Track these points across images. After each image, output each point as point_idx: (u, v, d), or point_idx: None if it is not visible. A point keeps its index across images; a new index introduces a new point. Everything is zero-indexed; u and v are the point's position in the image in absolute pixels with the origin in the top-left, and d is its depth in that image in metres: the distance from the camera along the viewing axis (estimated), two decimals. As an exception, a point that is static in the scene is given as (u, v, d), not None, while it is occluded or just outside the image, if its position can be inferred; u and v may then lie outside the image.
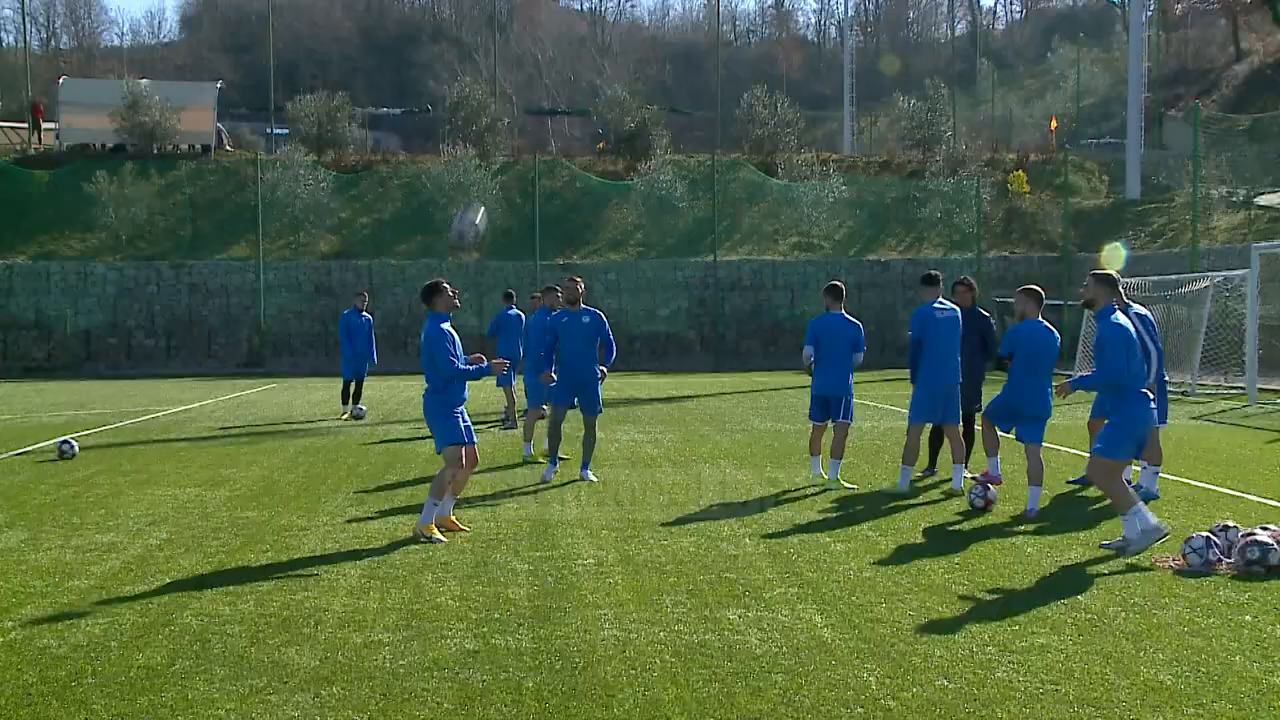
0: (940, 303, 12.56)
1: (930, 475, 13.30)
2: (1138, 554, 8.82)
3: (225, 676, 6.26)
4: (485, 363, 10.11)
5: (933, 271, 13.05)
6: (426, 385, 10.05)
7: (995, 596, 7.78)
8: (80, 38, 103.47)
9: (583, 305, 13.34)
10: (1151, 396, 9.35)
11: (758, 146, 49.31)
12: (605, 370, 13.34)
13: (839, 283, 13.13)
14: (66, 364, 38.41)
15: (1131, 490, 9.20)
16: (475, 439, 10.23)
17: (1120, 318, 9.18)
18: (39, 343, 38.99)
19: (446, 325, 9.97)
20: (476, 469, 10.86)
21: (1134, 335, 9.24)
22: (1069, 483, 12.63)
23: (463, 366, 9.87)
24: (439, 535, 9.75)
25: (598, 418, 13.44)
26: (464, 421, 10.04)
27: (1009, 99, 79.73)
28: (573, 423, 13.95)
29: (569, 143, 70.88)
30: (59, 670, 6.40)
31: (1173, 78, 68.30)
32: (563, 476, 13.53)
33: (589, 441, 13.41)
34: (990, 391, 12.40)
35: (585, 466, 13.39)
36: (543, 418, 15.15)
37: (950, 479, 12.49)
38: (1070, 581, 8.18)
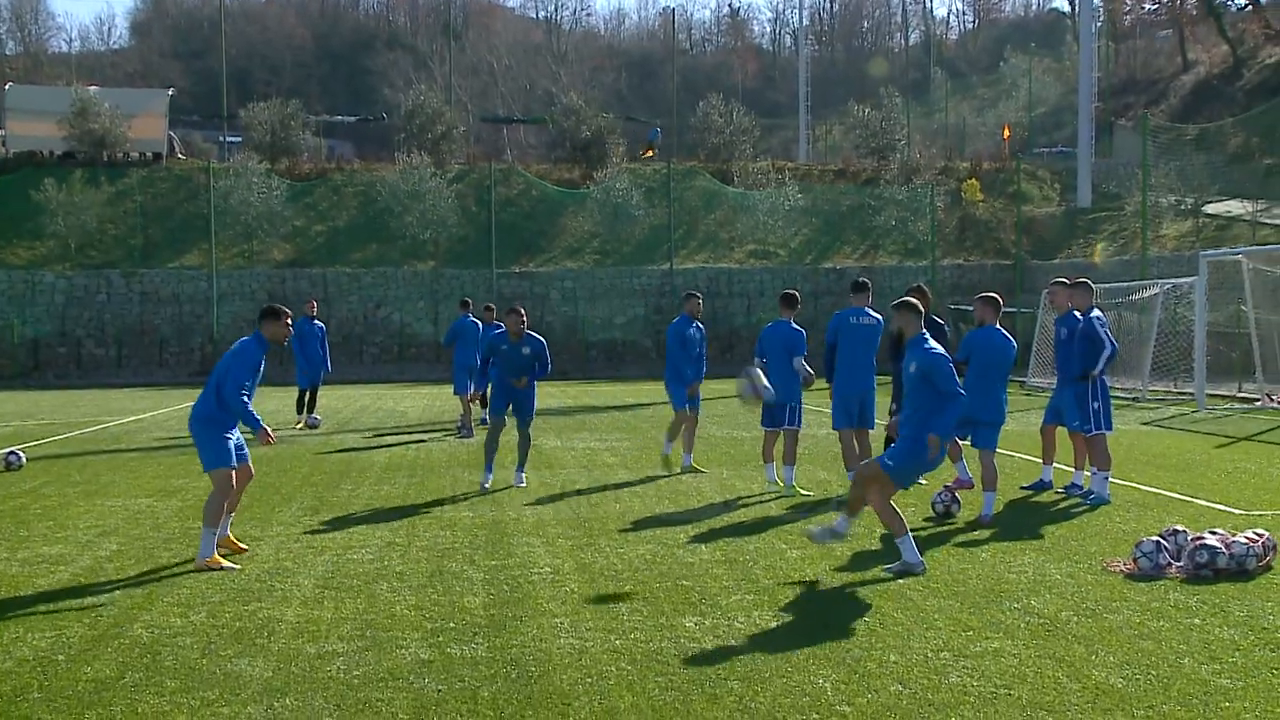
0: (864, 311, 12.60)
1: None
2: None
3: (176, 689, 6.19)
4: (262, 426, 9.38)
5: (861, 279, 13.13)
6: (210, 397, 9.37)
7: (950, 602, 7.84)
8: (27, 43, 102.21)
9: (526, 333, 13.53)
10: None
11: (714, 154, 49.55)
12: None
13: (792, 291, 13.28)
14: (13, 374, 37.88)
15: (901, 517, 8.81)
16: (248, 454, 9.66)
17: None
18: (-14, 352, 38.46)
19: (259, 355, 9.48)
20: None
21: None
22: (1022, 488, 12.74)
23: (248, 408, 9.26)
24: (227, 563, 9.11)
25: (530, 426, 13.78)
26: (235, 440, 9.46)
27: (962, 108, 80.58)
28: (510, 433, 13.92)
29: (525, 151, 70.82)
30: (4, 685, 6.30)
31: (1122, 87, 69.30)
32: (519, 489, 13.49)
33: (524, 446, 13.66)
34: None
35: (520, 469, 13.67)
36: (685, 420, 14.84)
37: (925, 483, 12.35)
38: (1024, 586, 8.25)
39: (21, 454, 15.50)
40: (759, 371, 11.82)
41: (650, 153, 53.85)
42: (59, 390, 33.81)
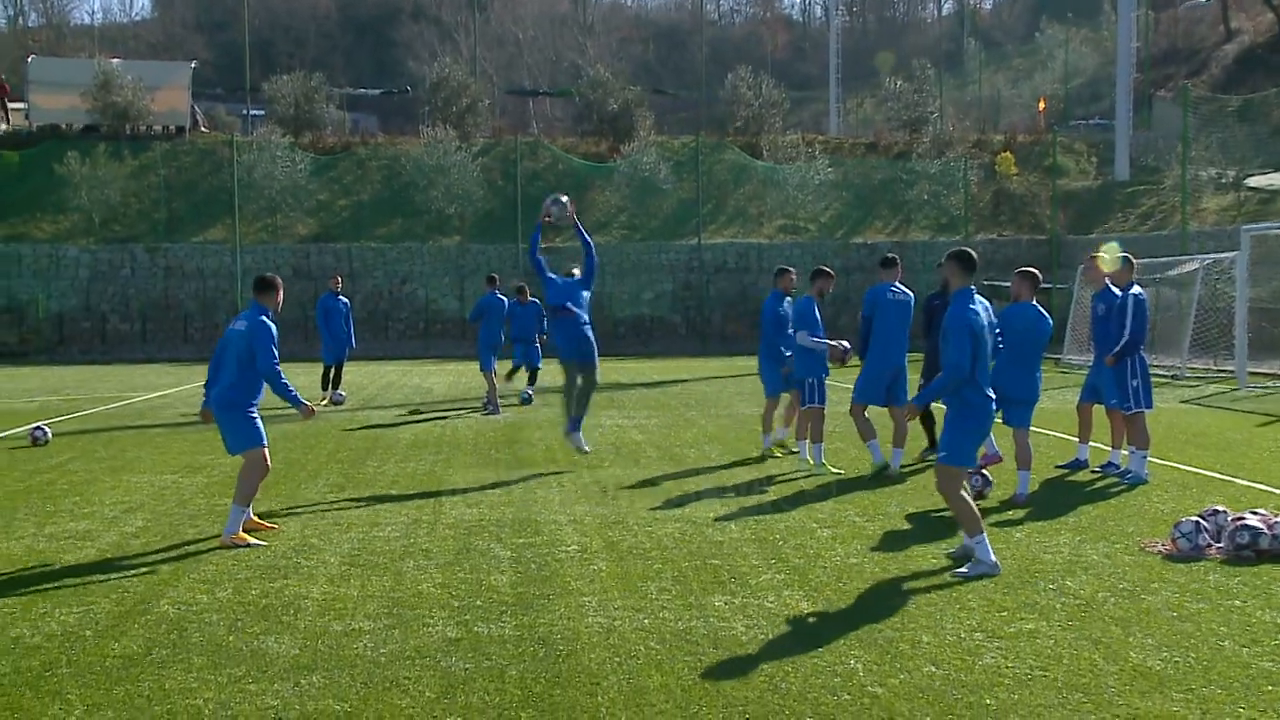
0: (895, 286, 12.61)
1: (932, 456, 13.29)
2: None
3: (203, 665, 6.25)
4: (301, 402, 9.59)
5: (890, 254, 13.16)
6: (228, 380, 9.46)
7: (984, 582, 7.81)
8: (49, 15, 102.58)
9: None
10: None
11: (743, 128, 49.28)
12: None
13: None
14: (39, 349, 38.21)
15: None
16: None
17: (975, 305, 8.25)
18: (11, 327, 38.77)
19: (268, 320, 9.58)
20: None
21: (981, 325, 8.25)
22: (1058, 467, 12.68)
23: (289, 388, 9.46)
24: (253, 540, 9.24)
25: (596, 372, 13.78)
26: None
27: (997, 80, 79.87)
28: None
29: (551, 124, 70.70)
30: (33, 660, 6.37)
31: (1162, 58, 68.48)
32: (546, 465, 13.54)
33: (585, 399, 13.63)
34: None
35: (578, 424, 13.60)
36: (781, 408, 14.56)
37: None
38: (1059, 567, 8.21)
39: (48, 429, 15.64)
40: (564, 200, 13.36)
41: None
42: (83, 365, 34.09)
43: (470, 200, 41.69)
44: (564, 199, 13.55)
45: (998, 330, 10.03)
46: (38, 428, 15.58)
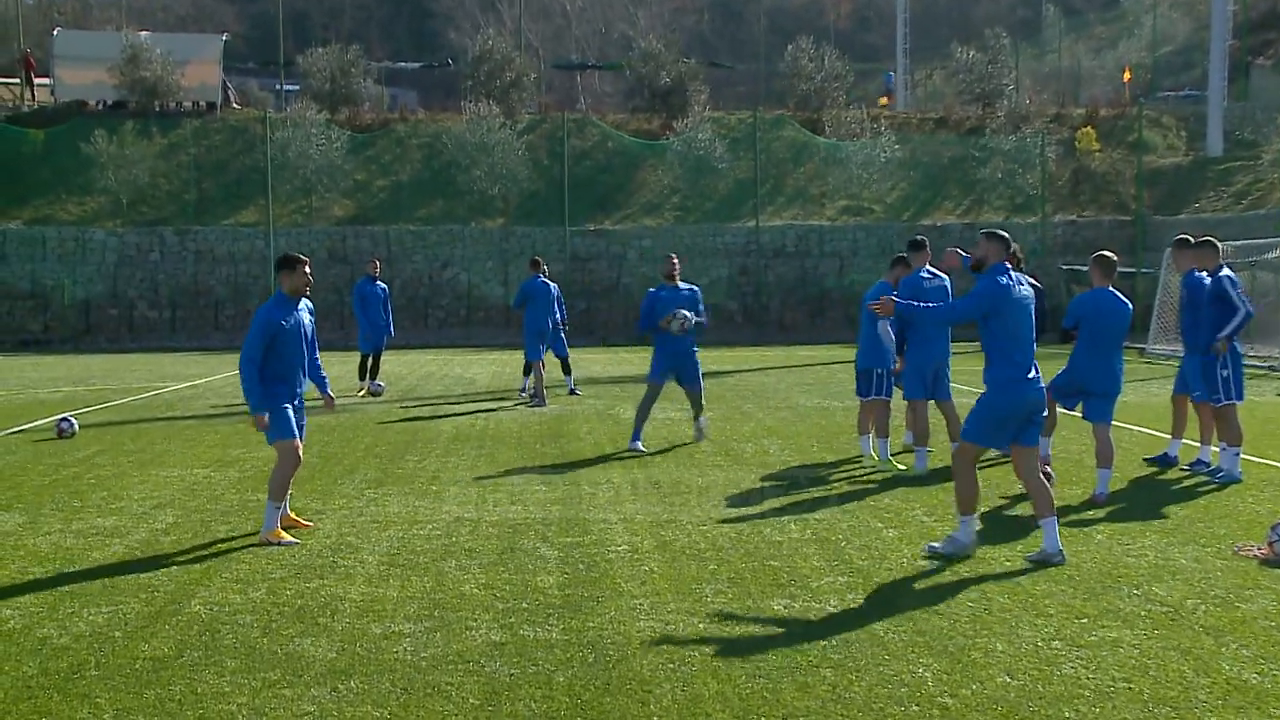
0: (929, 271, 12.45)
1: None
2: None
3: (237, 669, 6.32)
4: (261, 412, 9.34)
5: (919, 236, 12.86)
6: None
7: (1062, 587, 7.75)
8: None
9: (679, 281, 14.47)
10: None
11: (803, 103, 49.03)
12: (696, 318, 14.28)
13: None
14: (64, 336, 38.78)
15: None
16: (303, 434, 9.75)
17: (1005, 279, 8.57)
18: (35, 314, 39.37)
19: (304, 313, 9.56)
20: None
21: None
22: (1146, 460, 12.52)
23: (251, 380, 9.27)
24: (289, 537, 9.32)
25: (699, 386, 14.68)
26: (293, 413, 9.53)
27: (1077, 49, 78.83)
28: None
29: (600, 99, 70.72)
30: (60, 661, 6.48)
31: (1261, 22, 67.24)
32: (592, 457, 13.57)
33: (697, 402, 14.73)
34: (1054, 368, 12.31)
35: (700, 417, 14.82)
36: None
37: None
38: (1144, 571, 8.13)
39: (74, 421, 15.88)
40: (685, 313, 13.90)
41: (887, 100, 53.44)
42: (110, 354, 34.57)
43: (515, 180, 41.81)
44: (688, 314, 14.04)
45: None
46: (64, 419, 15.83)
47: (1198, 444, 12.47)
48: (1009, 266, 8.67)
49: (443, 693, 5.95)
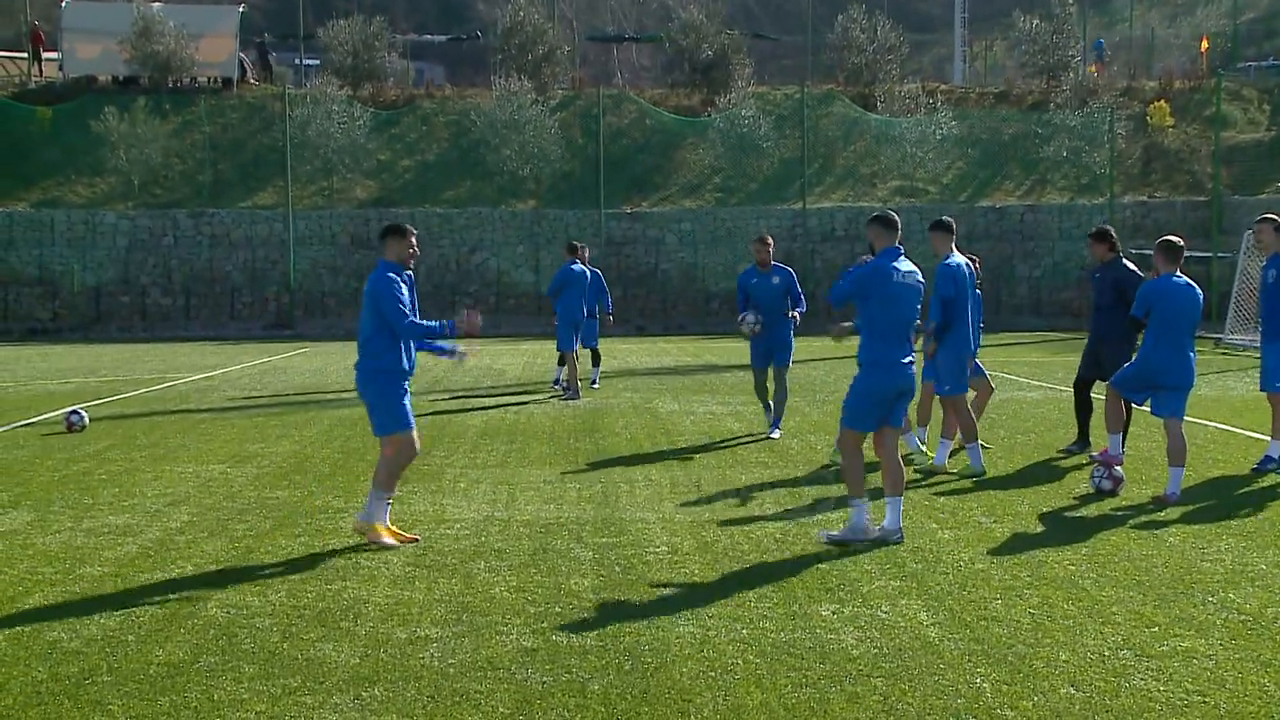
0: (956, 256, 12.30)
1: (1078, 453, 13.09)
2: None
3: (255, 675, 6.37)
4: (451, 322, 9.30)
5: (945, 218, 12.65)
6: (360, 353, 9.36)
7: (1130, 593, 7.70)
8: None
9: (774, 264, 14.84)
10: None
11: (854, 77, 48.85)
12: (798, 316, 14.83)
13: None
14: (74, 325, 39.15)
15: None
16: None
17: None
18: (43, 301, 39.75)
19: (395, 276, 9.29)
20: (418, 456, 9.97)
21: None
22: (1254, 471, 12.09)
23: (426, 329, 9.24)
24: (388, 538, 9.19)
25: (787, 371, 14.97)
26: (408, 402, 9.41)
27: (1151, 17, 78.10)
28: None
29: (637, 74, 70.70)
30: (71, 666, 6.55)
31: (1348, -11, 66.49)
32: (628, 454, 13.59)
33: (781, 397, 14.92)
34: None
35: (777, 422, 15.03)
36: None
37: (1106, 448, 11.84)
38: (1220, 577, 8.07)
39: (84, 414, 16.01)
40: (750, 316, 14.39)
41: (1096, 69, 52.64)
42: (122, 344, 34.89)
43: (547, 160, 41.87)
44: (753, 320, 14.56)
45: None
46: (73, 412, 15.96)
47: (1269, 438, 12.31)
48: (901, 251, 9.35)
49: (471, 701, 5.98)
